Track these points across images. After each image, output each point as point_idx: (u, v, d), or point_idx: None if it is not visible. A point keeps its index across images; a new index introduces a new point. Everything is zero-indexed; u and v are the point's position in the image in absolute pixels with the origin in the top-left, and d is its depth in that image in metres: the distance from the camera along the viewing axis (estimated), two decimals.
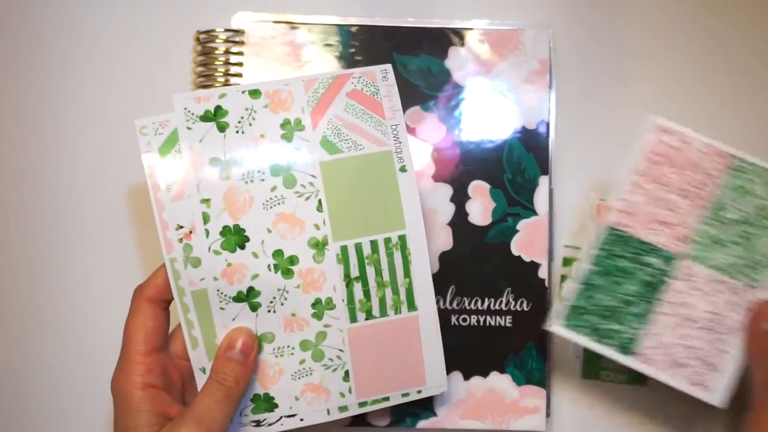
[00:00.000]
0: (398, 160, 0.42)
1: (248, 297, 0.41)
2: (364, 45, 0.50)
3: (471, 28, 0.50)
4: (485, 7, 0.51)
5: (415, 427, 0.48)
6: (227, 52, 0.50)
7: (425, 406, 0.48)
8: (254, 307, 0.41)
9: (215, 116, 0.41)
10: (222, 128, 0.41)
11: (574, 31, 0.51)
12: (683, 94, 0.51)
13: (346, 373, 0.42)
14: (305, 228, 0.41)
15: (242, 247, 0.41)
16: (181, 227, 0.40)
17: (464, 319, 0.48)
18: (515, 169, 0.49)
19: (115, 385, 0.39)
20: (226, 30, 0.50)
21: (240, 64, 0.50)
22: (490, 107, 0.49)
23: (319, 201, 0.41)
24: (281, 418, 0.42)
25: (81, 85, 0.51)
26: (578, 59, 0.51)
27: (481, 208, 0.49)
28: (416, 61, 0.50)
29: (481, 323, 0.48)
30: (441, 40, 0.50)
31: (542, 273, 0.48)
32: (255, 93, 0.41)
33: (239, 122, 0.41)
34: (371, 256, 0.42)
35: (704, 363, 0.43)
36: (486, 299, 0.48)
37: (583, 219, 0.50)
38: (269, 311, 0.41)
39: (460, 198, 0.49)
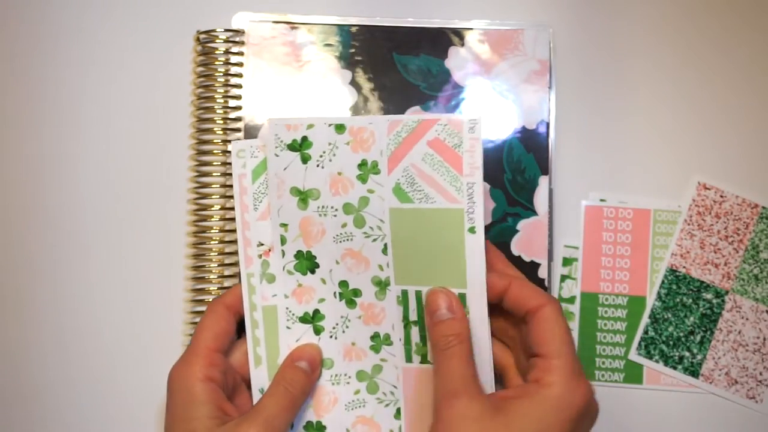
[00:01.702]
0: (468, 221, 0.41)
1: (314, 319, 0.43)
2: (364, 45, 0.50)
3: (471, 28, 0.50)
4: (485, 7, 0.51)
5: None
6: (227, 52, 0.50)
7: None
8: (318, 331, 0.43)
9: (301, 147, 0.43)
10: (305, 160, 0.42)
11: (574, 31, 0.51)
12: (683, 94, 0.51)
13: (398, 410, 0.43)
14: (370, 266, 0.42)
15: (312, 272, 0.43)
16: (262, 244, 0.43)
17: None
18: (515, 169, 0.49)
19: (176, 376, 0.40)
20: (226, 30, 0.50)
21: (240, 65, 0.50)
22: (490, 107, 0.49)
23: (385, 245, 0.42)
24: None
25: (81, 85, 0.51)
26: (578, 59, 0.51)
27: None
28: (416, 61, 0.50)
29: None
30: (441, 40, 0.50)
31: (542, 273, 0.48)
32: (340, 128, 0.42)
33: (321, 156, 0.42)
34: (423, 305, 0.42)
35: (756, 380, 0.49)
36: None
37: None
38: (331, 336, 0.43)
39: None
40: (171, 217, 0.50)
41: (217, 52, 0.50)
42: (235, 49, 0.50)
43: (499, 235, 0.49)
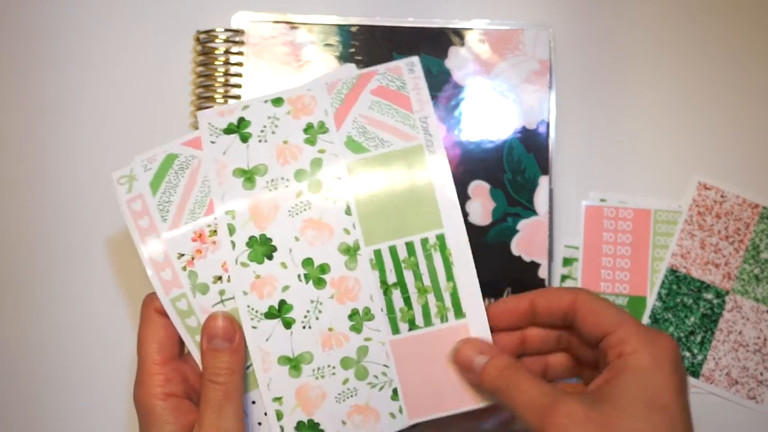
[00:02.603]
0: (430, 154, 0.40)
1: (280, 312, 0.39)
2: (364, 45, 0.50)
3: (471, 28, 0.50)
4: (485, 7, 0.51)
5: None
6: (227, 52, 0.50)
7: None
8: (288, 324, 0.39)
9: (238, 128, 0.41)
10: (245, 138, 0.40)
11: (574, 31, 0.51)
12: (683, 94, 0.51)
13: (395, 391, 0.39)
14: (334, 233, 0.39)
15: (270, 258, 0.39)
16: (183, 255, 0.39)
17: None
18: (515, 169, 0.49)
19: (136, 398, 0.38)
20: (226, 30, 0.50)
21: (240, 64, 0.50)
22: (490, 107, 0.49)
23: (347, 204, 0.40)
24: None
25: (81, 84, 0.51)
26: (578, 59, 0.51)
27: (481, 208, 0.49)
28: None
29: None
30: (441, 40, 0.50)
31: (542, 273, 0.48)
32: (278, 101, 0.41)
33: (262, 131, 0.40)
34: (408, 259, 0.39)
35: (757, 380, 0.49)
36: (486, 299, 0.48)
37: None
38: (304, 327, 0.39)
39: (460, 198, 0.48)
40: None
41: (216, 51, 0.50)
42: (235, 49, 0.50)
43: (499, 235, 0.48)
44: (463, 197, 0.49)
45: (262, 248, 0.39)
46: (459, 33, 0.50)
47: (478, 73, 0.50)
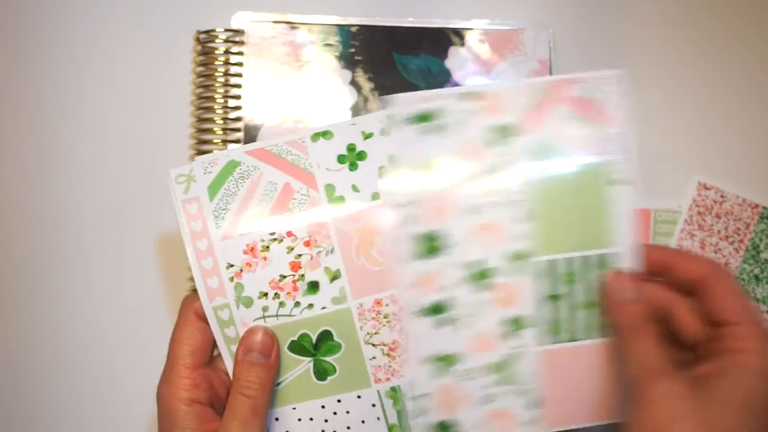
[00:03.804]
0: (619, 172, 0.39)
1: (438, 310, 0.39)
2: (364, 45, 0.50)
3: (471, 28, 0.50)
4: (485, 7, 0.51)
5: None
6: (227, 52, 0.50)
7: None
8: (444, 323, 0.39)
9: (425, 119, 0.40)
10: (432, 130, 0.39)
11: (574, 31, 0.51)
12: (683, 93, 0.51)
13: (537, 399, 0.39)
14: (506, 238, 0.39)
15: (436, 255, 0.39)
16: (232, 265, 0.39)
17: None
18: None
19: (160, 397, 0.38)
20: (226, 30, 0.50)
21: (240, 64, 0.50)
22: None
23: (525, 211, 0.39)
24: None
25: (80, 84, 0.51)
26: (578, 59, 0.51)
27: None
28: (416, 61, 0.50)
29: None
30: (441, 40, 0.50)
31: None
32: (470, 96, 0.39)
33: (449, 125, 0.39)
34: (580, 273, 0.39)
35: None
36: None
37: None
38: (459, 328, 0.39)
39: None
40: (171, 217, 0.50)
41: (217, 52, 0.50)
42: (235, 49, 0.50)
43: None
44: None
45: (430, 244, 0.39)
46: (459, 33, 0.50)
47: (478, 73, 0.50)
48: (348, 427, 0.40)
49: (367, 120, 0.39)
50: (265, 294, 0.39)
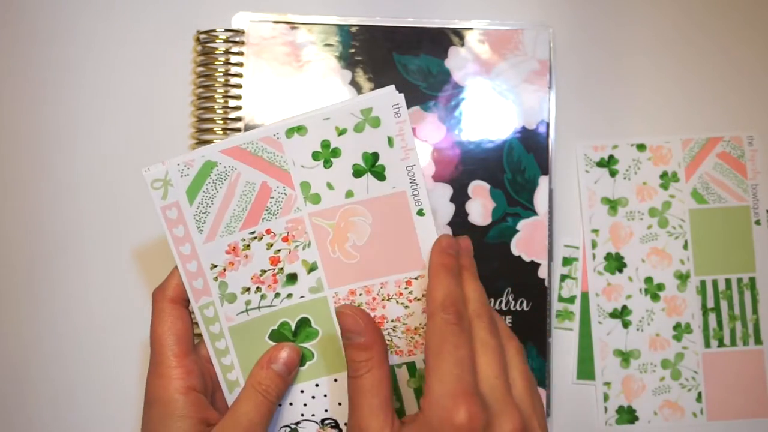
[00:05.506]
0: (755, 215, 0.49)
1: (622, 314, 0.49)
2: (364, 45, 0.50)
3: (471, 28, 0.50)
4: (485, 7, 0.51)
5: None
6: (227, 52, 0.50)
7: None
8: (626, 324, 0.49)
9: (608, 164, 0.50)
10: (613, 174, 0.49)
11: (574, 31, 0.51)
12: (683, 93, 0.51)
13: (699, 394, 0.49)
14: (672, 262, 0.49)
15: (621, 271, 0.49)
16: (215, 266, 0.40)
17: None
18: (515, 169, 0.49)
19: (153, 391, 0.37)
20: (226, 30, 0.50)
21: (240, 65, 0.50)
22: (490, 107, 0.49)
23: (686, 241, 0.49)
24: None
25: (80, 84, 0.51)
26: (578, 59, 0.51)
27: (481, 208, 0.49)
28: (416, 61, 0.50)
29: None
30: (441, 40, 0.50)
31: (542, 273, 0.48)
32: (641, 147, 0.50)
33: (627, 170, 0.49)
34: (725, 291, 0.49)
35: None
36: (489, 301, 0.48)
37: None
38: (638, 329, 0.49)
39: (460, 198, 0.49)
40: None
41: (217, 52, 0.50)
42: (235, 49, 0.50)
43: (499, 235, 0.49)
44: (463, 197, 0.49)
45: (616, 263, 0.49)
46: (459, 33, 0.50)
47: (478, 73, 0.50)
48: (326, 410, 0.41)
49: (340, 114, 0.39)
50: (248, 289, 0.40)
